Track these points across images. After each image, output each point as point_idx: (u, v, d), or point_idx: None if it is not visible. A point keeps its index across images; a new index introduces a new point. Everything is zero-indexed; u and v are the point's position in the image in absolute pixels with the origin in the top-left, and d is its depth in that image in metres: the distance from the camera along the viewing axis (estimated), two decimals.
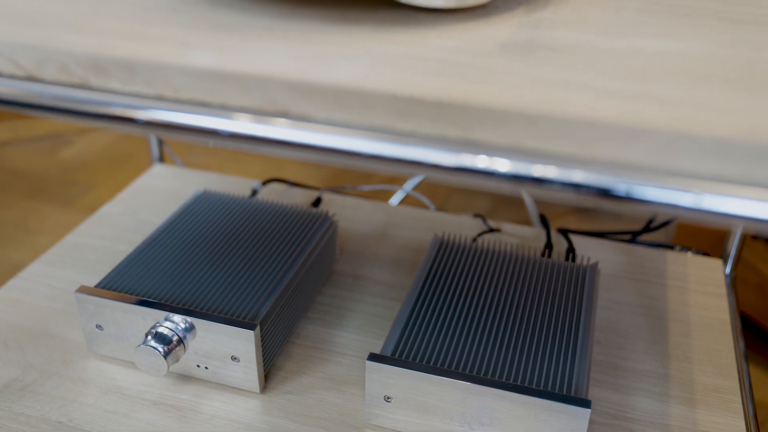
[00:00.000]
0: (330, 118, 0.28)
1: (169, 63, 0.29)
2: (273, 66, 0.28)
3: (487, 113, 0.26)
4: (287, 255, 0.59)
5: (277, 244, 0.60)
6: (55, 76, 0.31)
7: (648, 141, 0.24)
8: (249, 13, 0.34)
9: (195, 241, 0.60)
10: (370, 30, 0.32)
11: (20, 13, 0.34)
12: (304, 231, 0.62)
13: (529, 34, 0.32)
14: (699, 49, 0.31)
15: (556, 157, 0.25)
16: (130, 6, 0.35)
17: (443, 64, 0.29)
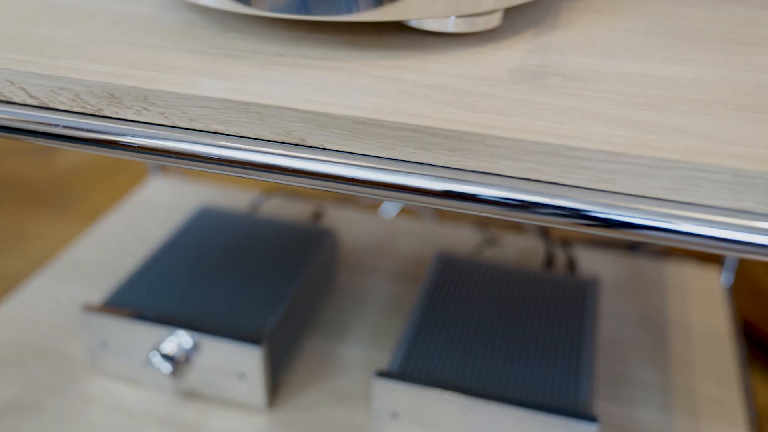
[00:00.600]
0: (347, 149, 0.28)
1: (184, 93, 0.29)
2: (289, 96, 0.28)
3: (505, 145, 0.26)
4: (290, 271, 0.59)
5: (279, 260, 0.60)
6: (67, 105, 0.31)
7: (665, 174, 0.24)
8: (260, 39, 0.34)
9: (198, 257, 0.60)
10: (382, 56, 0.33)
11: (31, 40, 0.34)
12: (306, 247, 0.62)
13: (540, 59, 0.32)
14: (709, 74, 0.31)
15: (575, 189, 0.25)
16: (140, 31, 0.35)
17: (457, 92, 0.29)
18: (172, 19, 0.37)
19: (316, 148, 0.28)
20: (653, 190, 0.25)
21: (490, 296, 0.57)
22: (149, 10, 0.38)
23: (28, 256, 1.07)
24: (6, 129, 0.31)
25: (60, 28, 0.35)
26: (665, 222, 0.24)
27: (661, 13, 0.39)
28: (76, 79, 0.30)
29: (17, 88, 0.31)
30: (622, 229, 0.25)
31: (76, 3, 0.39)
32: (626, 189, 0.25)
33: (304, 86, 0.29)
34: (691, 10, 0.40)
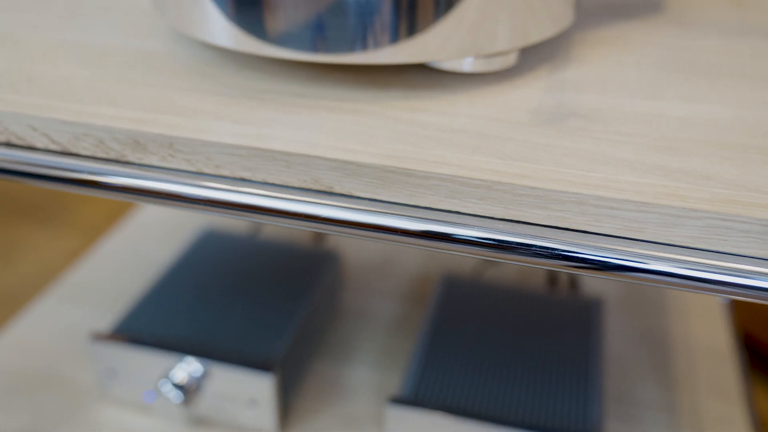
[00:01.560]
0: (375, 197, 0.28)
1: (211, 141, 0.29)
2: (316, 143, 0.28)
3: (534, 194, 0.26)
4: (296, 294, 0.59)
5: (284, 283, 0.60)
6: (90, 150, 0.31)
7: (693, 224, 0.25)
8: (277, 77, 0.34)
9: (203, 281, 0.60)
10: (401, 96, 0.33)
11: (49, 82, 0.33)
12: (310, 269, 0.62)
13: (558, 98, 0.33)
14: (724, 114, 0.32)
15: (605, 239, 0.26)
16: (157, 70, 0.35)
17: (481, 137, 0.29)
18: (187, 57, 0.37)
19: (344, 195, 0.28)
20: (681, 239, 0.25)
21: (496, 318, 0.57)
22: (162, 46, 0.38)
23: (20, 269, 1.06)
24: (28, 175, 0.31)
25: (77, 68, 0.35)
26: (695, 270, 0.25)
27: (670, 44, 0.40)
28: (99, 126, 0.30)
29: (40, 134, 0.31)
30: (653, 276, 0.25)
31: (88, 39, 0.39)
32: (654, 237, 0.26)
33: (328, 131, 0.29)
34: (699, 41, 0.40)
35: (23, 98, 0.32)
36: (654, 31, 0.42)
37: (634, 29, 0.42)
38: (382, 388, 0.57)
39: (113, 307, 0.65)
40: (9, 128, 0.31)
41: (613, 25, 0.43)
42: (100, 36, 0.39)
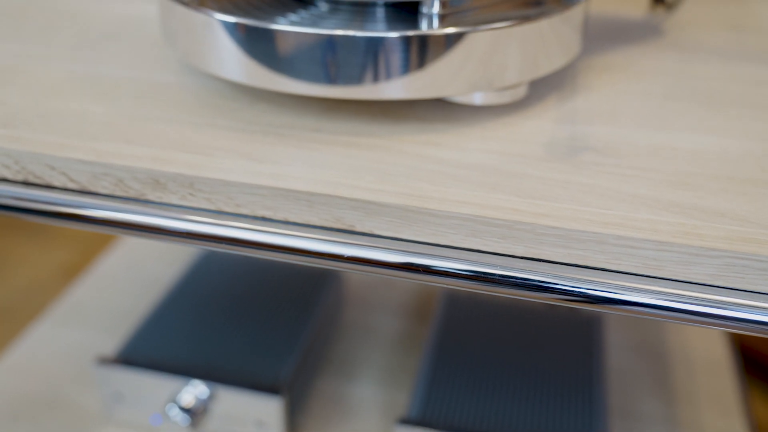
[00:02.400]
0: (397, 235, 0.28)
1: (231, 181, 0.29)
2: (336, 182, 0.29)
3: (555, 234, 0.27)
4: (299, 313, 0.59)
5: (287, 302, 0.60)
6: (110, 189, 0.31)
7: (711, 262, 0.25)
8: (291, 111, 0.35)
9: (206, 301, 0.60)
10: (416, 130, 0.33)
11: (64, 118, 0.34)
12: (313, 288, 0.62)
13: (569, 130, 0.33)
14: (733, 146, 0.32)
15: (624, 277, 0.26)
16: (171, 104, 0.35)
17: (498, 173, 0.30)
18: (199, 89, 0.37)
19: (365, 234, 0.28)
20: (699, 276, 0.26)
21: (499, 334, 0.58)
22: (173, 78, 0.38)
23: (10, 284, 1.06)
24: (47, 214, 0.31)
25: (90, 103, 0.35)
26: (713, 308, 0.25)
27: (674, 71, 0.40)
28: (119, 165, 0.30)
29: (58, 173, 0.31)
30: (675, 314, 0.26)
31: (98, 71, 0.39)
32: (673, 275, 0.26)
33: (348, 169, 0.30)
34: (701, 67, 0.41)
35: (40, 136, 0.32)
36: (657, 57, 0.42)
37: (637, 54, 0.43)
38: (388, 406, 0.58)
39: (114, 327, 0.65)
40: (27, 167, 0.31)
41: (616, 51, 0.43)
42: (109, 67, 0.39)
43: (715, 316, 0.25)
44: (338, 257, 0.28)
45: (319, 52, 0.31)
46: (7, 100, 0.35)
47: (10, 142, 0.31)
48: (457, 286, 0.28)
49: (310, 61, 0.31)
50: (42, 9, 0.48)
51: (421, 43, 0.31)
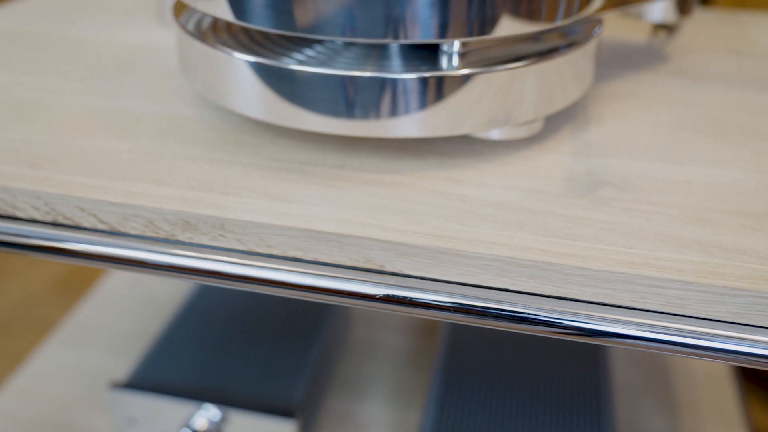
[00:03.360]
0: (426, 275, 0.29)
1: (263, 223, 0.30)
2: (365, 223, 0.29)
3: (582, 274, 0.27)
4: (308, 333, 0.59)
5: (296, 322, 0.61)
6: (140, 230, 0.31)
7: (734, 301, 0.26)
8: (312, 146, 0.35)
9: (215, 323, 0.60)
10: (437, 165, 0.34)
11: (89, 157, 0.34)
12: (320, 306, 0.63)
13: (586, 164, 0.34)
14: (746, 179, 0.33)
15: (649, 316, 0.27)
16: (193, 141, 0.36)
17: (522, 211, 0.30)
18: (219, 123, 0.37)
19: (395, 274, 0.29)
20: (722, 314, 0.27)
21: (506, 350, 0.58)
22: (191, 112, 0.39)
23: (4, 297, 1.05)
24: (76, 255, 0.31)
25: (113, 140, 0.36)
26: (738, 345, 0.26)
27: (681, 99, 0.41)
28: (150, 207, 0.30)
29: (88, 214, 0.31)
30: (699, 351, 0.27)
31: (117, 105, 0.39)
32: (696, 313, 0.27)
33: (376, 209, 0.30)
34: (708, 95, 0.42)
35: (68, 177, 0.32)
36: (663, 84, 0.43)
37: (643, 82, 0.44)
38: (399, 424, 0.58)
39: (121, 349, 0.65)
40: (56, 209, 0.32)
41: (623, 78, 0.44)
42: (127, 101, 0.40)
43: (738, 352, 0.26)
44: (371, 297, 0.29)
45: (338, 92, 0.32)
46: (31, 138, 0.35)
47: (39, 183, 0.32)
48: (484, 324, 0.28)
49: (329, 100, 0.32)
50: (53, 38, 0.48)
51: (440, 83, 0.31)
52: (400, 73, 0.31)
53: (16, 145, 0.35)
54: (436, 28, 0.30)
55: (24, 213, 0.32)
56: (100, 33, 0.50)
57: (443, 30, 0.30)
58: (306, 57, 0.34)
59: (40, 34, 0.49)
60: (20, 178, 0.32)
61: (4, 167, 0.33)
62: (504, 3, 0.30)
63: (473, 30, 0.30)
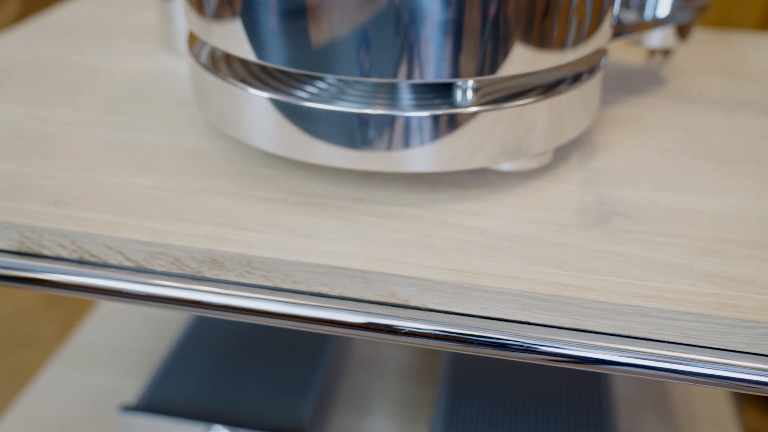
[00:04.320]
0: (450, 309, 0.30)
1: (290, 260, 0.30)
2: (389, 259, 0.30)
3: (601, 307, 0.28)
4: (313, 349, 0.60)
5: (301, 339, 0.61)
6: (166, 268, 0.32)
7: (746, 332, 0.28)
8: (330, 179, 0.36)
9: (221, 343, 0.61)
10: (453, 197, 0.35)
11: (111, 194, 0.34)
12: None
13: (596, 194, 0.35)
14: (750, 207, 0.34)
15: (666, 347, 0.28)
16: (212, 174, 0.36)
17: (539, 244, 0.32)
18: (236, 156, 0.38)
19: (419, 308, 0.30)
20: (736, 345, 0.28)
21: (510, 364, 0.60)
22: (207, 144, 0.39)
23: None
24: (103, 291, 0.32)
25: (132, 175, 0.36)
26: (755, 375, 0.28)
27: (680, 124, 0.43)
28: (177, 245, 0.31)
29: (115, 252, 0.32)
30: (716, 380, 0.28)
31: (132, 137, 0.40)
32: (711, 344, 0.28)
33: (398, 244, 0.31)
34: (705, 119, 0.43)
35: (92, 214, 0.33)
36: (664, 108, 0.45)
37: (645, 106, 0.45)
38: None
39: (126, 369, 0.66)
40: (83, 247, 0.32)
41: (624, 103, 0.45)
42: (142, 133, 0.40)
43: (755, 382, 0.28)
44: (397, 331, 0.30)
45: (353, 128, 0.32)
46: (52, 174, 0.36)
47: (66, 222, 0.32)
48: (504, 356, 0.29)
49: (345, 136, 0.33)
50: (62, 66, 0.49)
51: (453, 119, 0.32)
52: (414, 110, 0.32)
53: (38, 182, 0.35)
54: (449, 68, 0.31)
55: (50, 251, 0.33)
56: (108, 60, 0.50)
57: (456, 70, 0.31)
58: (320, 90, 0.35)
59: (48, 62, 0.49)
60: (46, 217, 0.33)
61: (30, 206, 0.33)
62: (516, 43, 0.31)
63: (486, 69, 0.31)
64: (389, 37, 0.30)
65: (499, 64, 0.31)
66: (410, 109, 0.32)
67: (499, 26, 0.30)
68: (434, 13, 0.29)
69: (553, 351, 0.29)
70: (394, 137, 0.33)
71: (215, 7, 0.33)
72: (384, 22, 0.30)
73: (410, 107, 0.34)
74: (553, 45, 0.32)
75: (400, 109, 0.33)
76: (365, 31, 0.30)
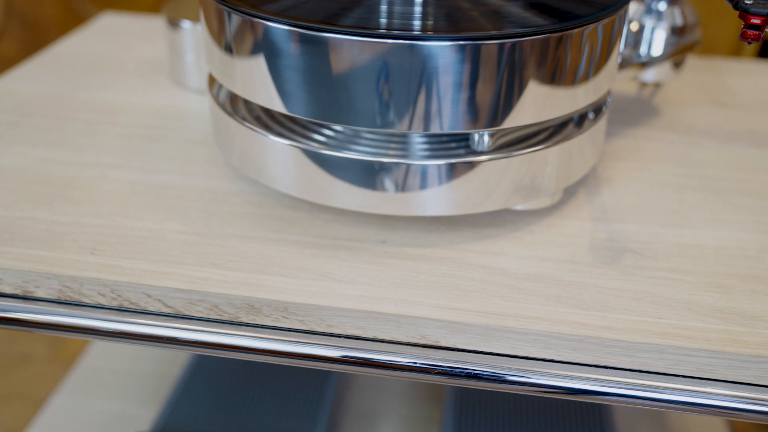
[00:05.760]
0: (479, 349, 0.32)
1: (325, 306, 0.32)
2: (420, 302, 0.32)
3: (620, 345, 0.30)
4: (322, 370, 0.62)
5: None
6: (204, 314, 0.33)
7: (758, 366, 0.30)
8: (353, 221, 0.38)
9: (231, 366, 0.62)
10: (472, 237, 0.37)
11: (146, 240, 0.36)
12: None
13: (605, 230, 0.38)
14: (749, 241, 0.37)
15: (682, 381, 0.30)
16: (238, 218, 0.38)
17: (558, 284, 0.33)
18: (259, 198, 0.39)
19: (449, 349, 0.32)
20: (747, 378, 0.30)
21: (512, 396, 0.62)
22: (230, 186, 0.41)
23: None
24: (143, 338, 0.33)
25: (162, 220, 0.37)
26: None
27: (676, 156, 0.45)
28: (214, 293, 0.33)
29: (154, 300, 0.33)
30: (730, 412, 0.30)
31: (156, 179, 0.41)
32: (723, 377, 0.30)
33: (427, 287, 0.33)
34: (699, 151, 0.46)
35: (131, 263, 0.34)
36: (659, 140, 0.47)
37: (641, 138, 0.47)
38: None
39: (133, 391, 0.67)
40: (123, 295, 0.33)
41: (622, 135, 0.48)
42: (164, 175, 0.41)
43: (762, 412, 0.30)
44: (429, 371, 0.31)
45: (371, 174, 0.34)
46: (84, 221, 0.37)
47: (105, 271, 0.33)
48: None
49: (364, 182, 0.34)
50: (76, 104, 0.50)
51: (469, 166, 0.34)
52: (430, 158, 0.34)
53: (71, 229, 0.36)
54: (466, 121, 0.33)
55: (90, 299, 0.34)
56: (120, 97, 0.51)
57: (473, 122, 0.33)
58: (339, 136, 0.37)
59: (62, 100, 0.50)
60: (85, 266, 0.34)
61: (68, 255, 0.34)
62: (530, 96, 0.33)
63: (500, 120, 0.33)
64: (410, 94, 0.32)
65: (513, 115, 0.33)
66: (426, 157, 0.34)
67: (514, 82, 0.32)
68: (450, 73, 0.31)
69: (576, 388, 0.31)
70: (412, 183, 0.34)
71: (239, 57, 0.34)
72: (406, 81, 0.31)
73: (426, 154, 0.36)
74: (564, 95, 0.34)
75: (416, 156, 0.34)
76: (389, 88, 0.32)
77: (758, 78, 0.58)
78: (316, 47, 0.32)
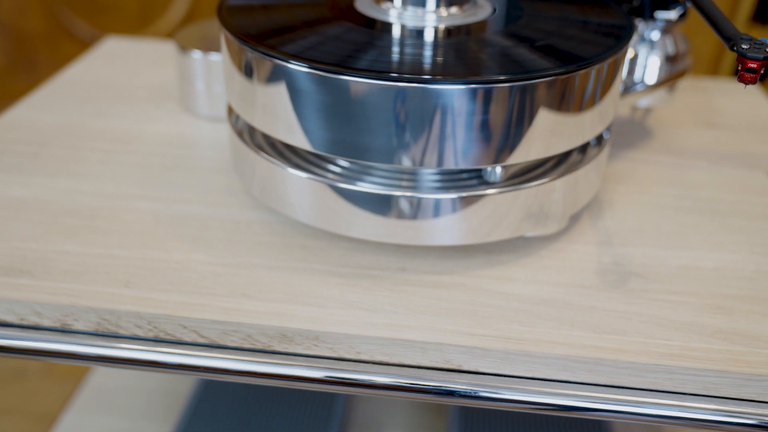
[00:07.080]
0: (498, 372, 0.34)
1: (355, 335, 0.34)
2: (443, 329, 0.34)
3: (633, 367, 0.33)
4: None
5: None
6: (238, 343, 0.35)
7: (760, 384, 0.32)
8: (373, 249, 0.40)
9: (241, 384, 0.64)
10: (485, 263, 0.39)
11: (174, 272, 0.37)
12: None
13: (610, 254, 0.40)
14: (743, 261, 0.39)
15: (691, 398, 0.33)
16: (263, 248, 0.39)
17: (569, 308, 0.36)
18: (280, 228, 0.41)
19: (471, 372, 0.34)
20: (749, 395, 0.33)
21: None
22: (251, 215, 0.42)
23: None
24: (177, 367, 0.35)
25: (189, 251, 0.39)
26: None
27: (671, 178, 0.48)
28: (248, 324, 0.34)
29: (189, 331, 0.35)
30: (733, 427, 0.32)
31: (177, 209, 0.42)
32: (728, 394, 0.33)
33: (448, 314, 0.35)
34: (693, 173, 0.48)
35: (165, 296, 0.36)
36: (654, 162, 0.49)
37: (638, 161, 0.50)
38: None
39: (140, 407, 0.68)
40: (159, 326, 0.35)
41: (619, 157, 0.50)
42: (186, 205, 0.43)
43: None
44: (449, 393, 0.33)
45: (387, 206, 0.36)
46: (114, 253, 0.39)
47: (140, 304, 0.35)
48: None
49: (380, 213, 0.36)
50: (91, 134, 0.51)
51: (481, 199, 0.36)
52: (442, 192, 0.36)
53: (103, 262, 0.38)
54: (478, 158, 0.35)
55: (126, 331, 0.35)
56: (133, 125, 0.53)
57: (484, 159, 0.35)
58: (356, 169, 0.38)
59: (76, 129, 0.52)
60: (122, 300, 0.35)
61: (103, 288, 0.36)
62: (539, 134, 0.35)
63: (511, 156, 0.35)
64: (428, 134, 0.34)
65: (524, 151, 0.35)
66: (439, 189, 0.36)
67: (524, 122, 0.34)
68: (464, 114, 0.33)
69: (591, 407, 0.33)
70: (426, 215, 0.36)
71: (259, 93, 0.36)
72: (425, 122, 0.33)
73: (439, 186, 0.38)
74: (573, 130, 0.36)
75: (429, 188, 0.36)
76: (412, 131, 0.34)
77: (742, 98, 0.61)
78: (335, 88, 0.33)
